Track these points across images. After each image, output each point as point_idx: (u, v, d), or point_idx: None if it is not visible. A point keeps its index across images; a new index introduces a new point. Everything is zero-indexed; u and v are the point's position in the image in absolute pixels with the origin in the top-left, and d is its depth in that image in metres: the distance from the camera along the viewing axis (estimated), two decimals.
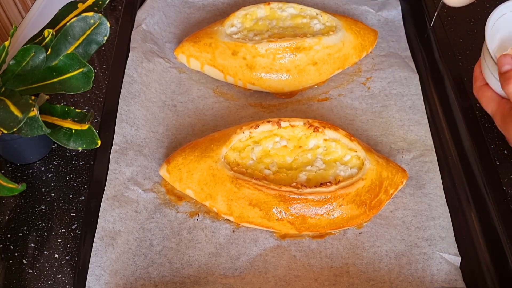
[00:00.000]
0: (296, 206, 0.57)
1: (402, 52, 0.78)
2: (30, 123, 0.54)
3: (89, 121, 0.57)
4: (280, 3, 0.76)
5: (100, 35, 0.61)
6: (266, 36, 0.73)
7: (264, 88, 0.73)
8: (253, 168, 0.60)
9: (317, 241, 0.59)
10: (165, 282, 0.56)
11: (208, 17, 0.83)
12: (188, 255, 0.58)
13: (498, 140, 0.68)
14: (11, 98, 0.54)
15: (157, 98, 0.71)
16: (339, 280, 0.56)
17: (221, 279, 0.56)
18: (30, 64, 0.59)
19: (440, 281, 0.55)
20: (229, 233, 0.59)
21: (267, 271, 0.56)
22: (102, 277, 0.54)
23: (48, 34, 0.60)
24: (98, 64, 0.81)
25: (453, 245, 0.58)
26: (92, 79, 0.58)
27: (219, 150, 0.60)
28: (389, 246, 0.58)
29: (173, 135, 0.68)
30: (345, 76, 0.76)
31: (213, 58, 0.73)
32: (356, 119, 0.70)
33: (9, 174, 0.67)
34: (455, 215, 0.60)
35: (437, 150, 0.66)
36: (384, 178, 0.60)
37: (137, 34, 0.75)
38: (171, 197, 0.62)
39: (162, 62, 0.75)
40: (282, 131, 0.62)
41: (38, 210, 0.64)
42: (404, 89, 0.73)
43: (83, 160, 0.69)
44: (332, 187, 0.57)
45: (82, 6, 0.64)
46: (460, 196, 0.61)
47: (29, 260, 0.59)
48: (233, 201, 0.58)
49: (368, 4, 0.84)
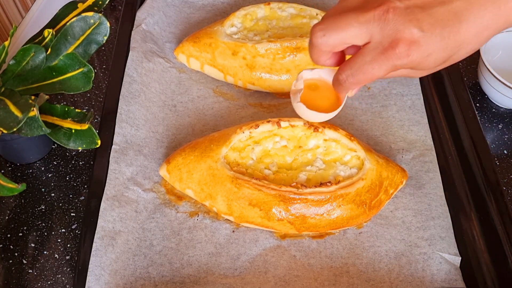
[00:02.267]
0: (296, 206, 0.57)
1: None
2: (30, 123, 0.54)
3: (89, 121, 0.57)
4: (280, 3, 0.76)
5: (100, 35, 0.61)
6: (266, 36, 0.73)
7: (264, 88, 0.73)
8: (253, 168, 0.60)
9: (317, 241, 0.59)
10: (165, 282, 0.56)
11: (208, 17, 0.83)
12: (188, 255, 0.58)
13: (498, 140, 0.68)
14: (11, 98, 0.54)
15: (157, 98, 0.71)
16: (339, 280, 0.56)
17: (221, 279, 0.56)
18: (30, 64, 0.59)
19: (440, 281, 0.55)
20: (229, 233, 0.59)
21: (267, 271, 0.56)
22: (102, 277, 0.54)
23: (48, 34, 0.60)
24: (98, 64, 0.81)
25: (453, 245, 0.58)
26: (92, 79, 0.58)
27: (219, 150, 0.60)
28: (389, 246, 0.58)
29: (173, 135, 0.68)
30: None
31: (213, 58, 0.73)
32: (356, 119, 0.70)
33: (9, 174, 0.67)
34: (455, 215, 0.60)
35: (437, 150, 0.66)
36: (384, 178, 0.60)
37: (137, 34, 0.75)
38: (171, 197, 0.62)
39: (162, 62, 0.75)
40: (282, 131, 0.62)
41: (38, 210, 0.64)
42: (404, 89, 0.73)
43: (83, 160, 0.69)
44: (332, 187, 0.57)
45: (82, 6, 0.64)
46: (460, 196, 0.61)
47: (29, 260, 0.59)
48: (233, 201, 0.58)
49: None
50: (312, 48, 0.47)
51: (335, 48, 0.46)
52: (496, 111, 0.74)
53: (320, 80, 0.58)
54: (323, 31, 0.45)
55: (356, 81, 0.46)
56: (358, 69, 0.45)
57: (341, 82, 0.47)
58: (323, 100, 0.58)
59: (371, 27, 0.43)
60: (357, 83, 0.46)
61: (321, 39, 0.45)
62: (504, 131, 0.72)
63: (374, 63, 0.44)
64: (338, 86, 0.48)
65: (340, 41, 0.45)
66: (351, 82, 0.47)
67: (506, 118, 0.73)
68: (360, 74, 0.45)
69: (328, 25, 0.45)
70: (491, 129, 0.70)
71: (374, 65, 0.44)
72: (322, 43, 0.46)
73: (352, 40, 0.45)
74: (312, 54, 0.48)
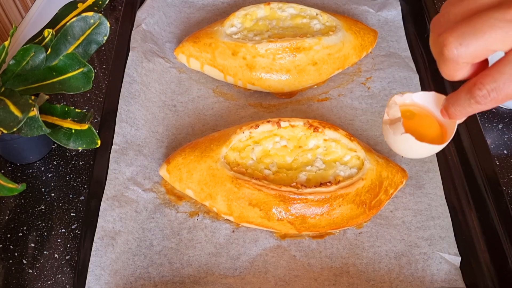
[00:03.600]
0: (296, 206, 0.57)
1: (402, 52, 0.78)
2: (30, 123, 0.54)
3: (89, 121, 0.57)
4: (280, 3, 0.76)
5: (100, 35, 0.61)
6: (266, 36, 0.73)
7: (264, 88, 0.73)
8: (253, 168, 0.60)
9: (317, 241, 0.59)
10: (165, 282, 0.56)
11: (208, 17, 0.83)
12: (188, 255, 0.58)
13: (498, 140, 0.68)
14: (11, 98, 0.54)
15: (157, 98, 0.71)
16: (339, 280, 0.56)
17: (221, 279, 0.56)
18: (30, 64, 0.59)
19: (440, 281, 0.55)
20: (229, 233, 0.59)
21: (267, 271, 0.56)
22: (102, 277, 0.54)
23: (48, 34, 0.60)
24: (98, 64, 0.81)
25: (453, 245, 0.58)
26: (92, 79, 0.58)
27: (219, 150, 0.60)
28: (389, 246, 0.58)
29: (173, 135, 0.68)
30: (345, 76, 0.76)
31: (213, 58, 0.73)
32: (356, 119, 0.70)
33: (9, 174, 0.67)
34: (455, 215, 0.60)
35: None
36: (384, 178, 0.60)
37: (137, 34, 0.75)
38: (171, 197, 0.62)
39: (162, 62, 0.75)
40: (282, 131, 0.62)
41: (38, 210, 0.64)
42: (404, 89, 0.73)
43: (83, 160, 0.69)
44: (332, 187, 0.57)
45: (82, 6, 0.64)
46: (460, 196, 0.61)
47: (29, 260, 0.59)
48: (233, 201, 0.58)
49: (368, 4, 0.84)
50: (445, 62, 0.38)
51: (476, 58, 0.37)
52: (496, 111, 0.74)
53: (413, 106, 0.50)
54: (458, 39, 0.36)
55: (502, 97, 0.37)
56: (507, 80, 0.36)
57: (479, 100, 0.38)
58: (425, 129, 0.48)
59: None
60: (502, 99, 0.37)
61: (458, 50, 0.37)
62: (504, 131, 0.72)
63: None
64: (467, 107, 0.39)
65: (483, 49, 0.36)
66: (494, 99, 0.37)
67: (506, 118, 0.73)
68: (509, 87, 0.36)
69: (463, 31, 0.36)
70: (491, 129, 0.70)
71: None
72: (460, 55, 0.37)
73: (499, 46, 0.36)
74: (445, 70, 0.39)
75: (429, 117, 0.48)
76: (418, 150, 0.46)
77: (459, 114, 0.41)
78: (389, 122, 0.48)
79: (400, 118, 0.47)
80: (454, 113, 0.41)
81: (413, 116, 0.49)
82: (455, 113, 0.41)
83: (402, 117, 0.47)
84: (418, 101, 0.49)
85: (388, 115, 0.48)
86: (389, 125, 0.47)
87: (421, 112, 0.49)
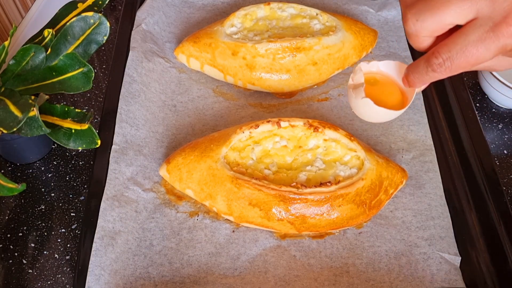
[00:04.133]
0: (296, 206, 0.57)
1: (402, 52, 0.78)
2: (30, 123, 0.54)
3: (89, 121, 0.57)
4: (280, 3, 0.76)
5: (100, 35, 0.61)
6: (266, 36, 0.73)
7: (264, 88, 0.73)
8: (253, 168, 0.60)
9: (317, 241, 0.59)
10: (165, 282, 0.56)
11: (208, 17, 0.83)
12: (188, 255, 0.58)
13: (498, 140, 0.68)
14: (11, 98, 0.54)
15: (157, 98, 0.71)
16: (339, 280, 0.56)
17: (221, 279, 0.56)
18: (30, 64, 0.59)
19: (440, 281, 0.55)
20: (229, 233, 0.59)
21: (267, 271, 0.56)
22: (102, 277, 0.54)
23: (48, 34, 0.60)
24: (98, 64, 0.81)
25: (453, 245, 0.58)
26: (92, 79, 0.58)
27: (219, 150, 0.60)
28: (389, 246, 0.58)
29: (173, 135, 0.68)
30: (345, 76, 0.76)
31: (213, 58, 0.73)
32: (356, 119, 0.70)
33: (9, 174, 0.67)
34: (455, 215, 0.60)
35: (437, 150, 0.66)
36: (384, 178, 0.60)
37: (137, 34, 0.75)
38: (171, 197, 0.62)
39: (162, 62, 0.75)
40: (282, 131, 0.62)
41: (38, 210, 0.64)
42: None
43: (83, 160, 0.69)
44: (332, 187, 0.57)
45: (82, 6, 0.64)
46: (460, 196, 0.61)
47: (29, 260, 0.59)
48: (233, 201, 0.58)
49: (368, 4, 0.84)
50: (408, 37, 0.41)
51: (435, 32, 0.40)
52: (496, 111, 0.74)
53: (378, 74, 0.52)
54: (415, 16, 0.39)
55: (455, 67, 0.39)
56: (460, 51, 0.38)
57: (435, 68, 0.40)
58: (386, 95, 0.51)
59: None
60: (455, 69, 0.39)
61: (415, 25, 0.39)
62: (504, 131, 0.72)
63: (480, 43, 0.37)
64: (424, 74, 0.41)
65: (439, 24, 0.39)
66: (448, 68, 0.39)
67: (506, 118, 0.73)
68: (461, 57, 0.38)
69: (420, 8, 0.39)
70: (491, 129, 0.70)
71: (479, 46, 0.37)
72: (418, 30, 0.39)
73: (453, 20, 0.38)
74: (411, 43, 0.42)
75: (392, 84, 0.51)
76: (376, 114, 0.49)
77: (418, 81, 0.43)
78: (353, 86, 0.50)
79: (363, 84, 0.49)
80: (413, 81, 0.43)
81: (376, 83, 0.52)
82: (414, 80, 0.43)
83: (366, 83, 0.50)
84: (383, 69, 0.52)
85: (352, 80, 0.51)
86: (352, 90, 0.50)
87: (385, 79, 0.52)
